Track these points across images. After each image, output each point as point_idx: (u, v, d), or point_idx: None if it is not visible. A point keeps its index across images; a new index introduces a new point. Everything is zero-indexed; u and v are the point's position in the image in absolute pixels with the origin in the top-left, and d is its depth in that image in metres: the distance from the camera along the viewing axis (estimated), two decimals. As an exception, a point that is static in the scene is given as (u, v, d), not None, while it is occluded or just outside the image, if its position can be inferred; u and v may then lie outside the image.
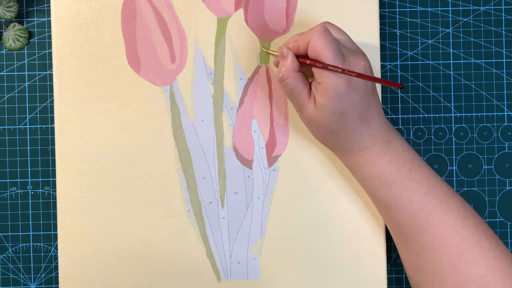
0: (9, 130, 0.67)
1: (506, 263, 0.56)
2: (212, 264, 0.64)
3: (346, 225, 0.64)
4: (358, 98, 0.56)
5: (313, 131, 0.60)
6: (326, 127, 0.58)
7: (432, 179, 0.58)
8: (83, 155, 0.64)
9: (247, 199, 0.64)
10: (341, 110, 0.56)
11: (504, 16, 0.68)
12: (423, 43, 0.68)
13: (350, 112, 0.57)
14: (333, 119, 0.57)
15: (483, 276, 0.56)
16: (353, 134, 0.58)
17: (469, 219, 0.58)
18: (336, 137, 0.59)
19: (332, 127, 0.58)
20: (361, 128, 0.58)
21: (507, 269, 0.56)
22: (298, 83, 0.58)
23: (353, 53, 0.57)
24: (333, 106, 0.56)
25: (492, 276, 0.56)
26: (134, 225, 0.64)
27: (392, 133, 0.59)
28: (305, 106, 0.58)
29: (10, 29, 0.67)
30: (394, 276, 0.68)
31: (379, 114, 0.59)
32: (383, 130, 0.59)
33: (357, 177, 0.61)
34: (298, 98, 0.58)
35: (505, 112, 0.68)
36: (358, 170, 0.60)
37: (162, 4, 0.64)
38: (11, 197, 0.67)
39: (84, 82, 0.64)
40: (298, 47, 0.58)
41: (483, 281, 0.56)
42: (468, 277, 0.56)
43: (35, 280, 0.67)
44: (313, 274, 0.64)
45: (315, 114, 0.58)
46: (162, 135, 0.64)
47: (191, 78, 0.64)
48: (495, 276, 0.56)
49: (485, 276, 0.56)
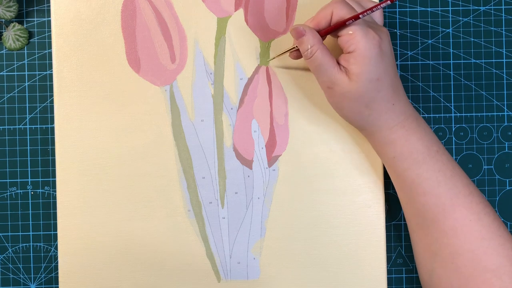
0: (9, 130, 0.67)
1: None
2: (212, 264, 0.64)
3: (346, 225, 0.64)
4: (389, 64, 0.57)
5: (346, 107, 0.59)
6: (363, 98, 0.57)
7: (454, 163, 0.59)
8: (83, 155, 0.64)
9: (247, 199, 0.64)
10: (377, 77, 0.56)
11: (504, 16, 0.68)
12: (423, 43, 0.68)
13: (384, 78, 0.56)
14: (370, 87, 0.56)
15: (500, 266, 0.56)
16: (387, 105, 0.57)
17: (489, 208, 0.58)
18: (371, 109, 0.58)
19: (369, 97, 0.57)
20: (393, 99, 0.58)
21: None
22: (326, 56, 0.57)
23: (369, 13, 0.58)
24: (369, 72, 0.56)
25: (509, 267, 0.56)
26: (134, 225, 0.64)
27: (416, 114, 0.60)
28: (337, 80, 0.57)
29: (10, 29, 0.67)
30: (394, 276, 0.68)
31: (403, 91, 0.59)
32: (411, 108, 0.59)
33: (387, 156, 0.59)
34: (328, 71, 0.57)
35: (505, 112, 0.68)
36: (389, 148, 0.59)
37: (162, 4, 0.64)
38: (11, 197, 0.67)
39: (84, 82, 0.64)
40: (318, 22, 0.58)
41: (499, 271, 0.56)
42: (485, 265, 0.56)
43: (35, 280, 0.67)
44: (313, 274, 0.64)
45: (350, 85, 0.57)
46: (162, 135, 0.64)
47: (191, 78, 0.64)
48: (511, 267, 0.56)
49: (503, 266, 0.56)
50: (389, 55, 0.57)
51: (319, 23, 0.58)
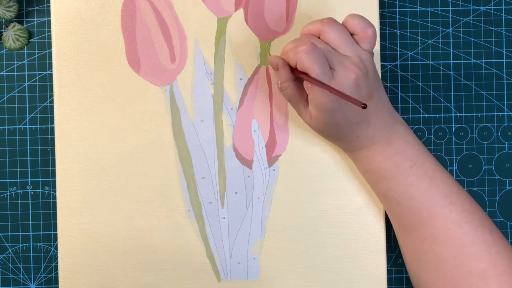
0: (9, 130, 0.67)
1: (509, 259, 0.56)
2: (212, 264, 0.64)
3: (346, 225, 0.64)
4: (350, 110, 0.57)
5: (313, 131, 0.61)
6: (323, 133, 0.60)
7: (436, 174, 0.59)
8: (83, 155, 0.64)
9: (247, 199, 0.64)
10: (335, 122, 0.57)
11: (504, 16, 0.68)
12: (423, 43, 0.68)
13: (344, 122, 0.57)
14: (328, 127, 0.58)
15: (485, 270, 0.56)
16: (350, 138, 0.59)
17: (473, 215, 0.58)
18: (334, 139, 0.61)
19: (328, 133, 0.60)
20: (358, 132, 0.58)
21: (510, 265, 0.56)
22: (295, 93, 0.59)
23: (344, 64, 0.56)
24: (326, 119, 0.57)
25: (494, 271, 0.56)
26: (134, 225, 0.64)
27: (396, 129, 0.59)
28: (302, 114, 0.60)
29: (10, 29, 0.67)
30: (394, 276, 0.68)
31: (380, 113, 0.58)
32: (384, 129, 0.59)
33: (358, 169, 0.62)
34: (296, 105, 0.60)
35: (505, 112, 0.68)
36: (357, 164, 0.62)
37: (162, 4, 0.64)
38: (11, 197, 0.67)
39: (84, 82, 0.64)
40: (288, 61, 0.58)
41: (484, 275, 0.56)
42: (469, 270, 0.56)
43: (35, 280, 0.67)
44: (313, 274, 0.64)
45: (311, 123, 0.59)
46: (162, 135, 0.64)
47: (191, 78, 0.64)
48: (497, 271, 0.56)
49: (487, 270, 0.56)
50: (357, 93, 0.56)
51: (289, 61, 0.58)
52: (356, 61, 0.56)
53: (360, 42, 0.58)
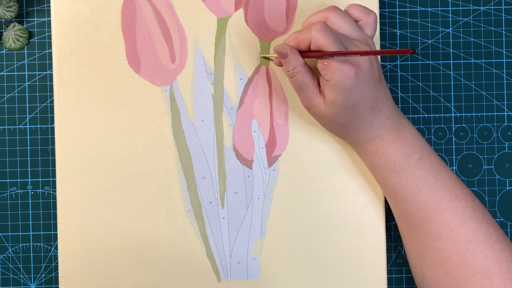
0: (9, 130, 0.67)
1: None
2: (212, 264, 0.64)
3: (346, 225, 0.64)
4: (367, 89, 0.57)
5: (324, 124, 0.61)
6: (338, 121, 0.59)
7: (441, 169, 0.59)
8: (83, 155, 0.64)
9: (247, 199, 0.64)
10: (352, 104, 0.57)
11: (504, 16, 0.68)
12: (423, 43, 0.68)
13: (360, 104, 0.57)
14: (345, 113, 0.57)
15: (489, 267, 0.56)
16: (365, 125, 0.58)
17: (477, 211, 0.58)
18: (348, 128, 0.59)
19: (344, 121, 0.58)
20: (372, 118, 0.58)
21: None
22: (306, 78, 0.58)
23: (356, 45, 0.57)
24: (344, 101, 0.56)
25: (498, 268, 0.56)
26: (134, 225, 0.64)
27: (402, 120, 0.60)
28: (314, 101, 0.58)
29: (10, 29, 0.67)
30: (394, 276, 0.68)
31: (388, 101, 0.59)
32: (393, 118, 0.59)
33: (367, 164, 0.62)
34: (307, 93, 0.58)
35: (505, 112, 0.68)
36: (367, 159, 0.61)
37: (162, 4, 0.64)
38: (11, 197, 0.67)
39: (84, 82, 0.64)
40: (298, 44, 0.58)
41: (488, 272, 0.56)
42: (473, 267, 0.56)
43: (35, 280, 0.67)
44: (313, 274, 0.64)
45: (326, 110, 0.58)
46: (162, 135, 0.64)
47: (191, 78, 0.64)
48: (501, 268, 0.56)
49: (491, 267, 0.56)
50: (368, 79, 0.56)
51: (298, 45, 0.58)
52: (365, 43, 0.58)
53: (363, 28, 0.59)
